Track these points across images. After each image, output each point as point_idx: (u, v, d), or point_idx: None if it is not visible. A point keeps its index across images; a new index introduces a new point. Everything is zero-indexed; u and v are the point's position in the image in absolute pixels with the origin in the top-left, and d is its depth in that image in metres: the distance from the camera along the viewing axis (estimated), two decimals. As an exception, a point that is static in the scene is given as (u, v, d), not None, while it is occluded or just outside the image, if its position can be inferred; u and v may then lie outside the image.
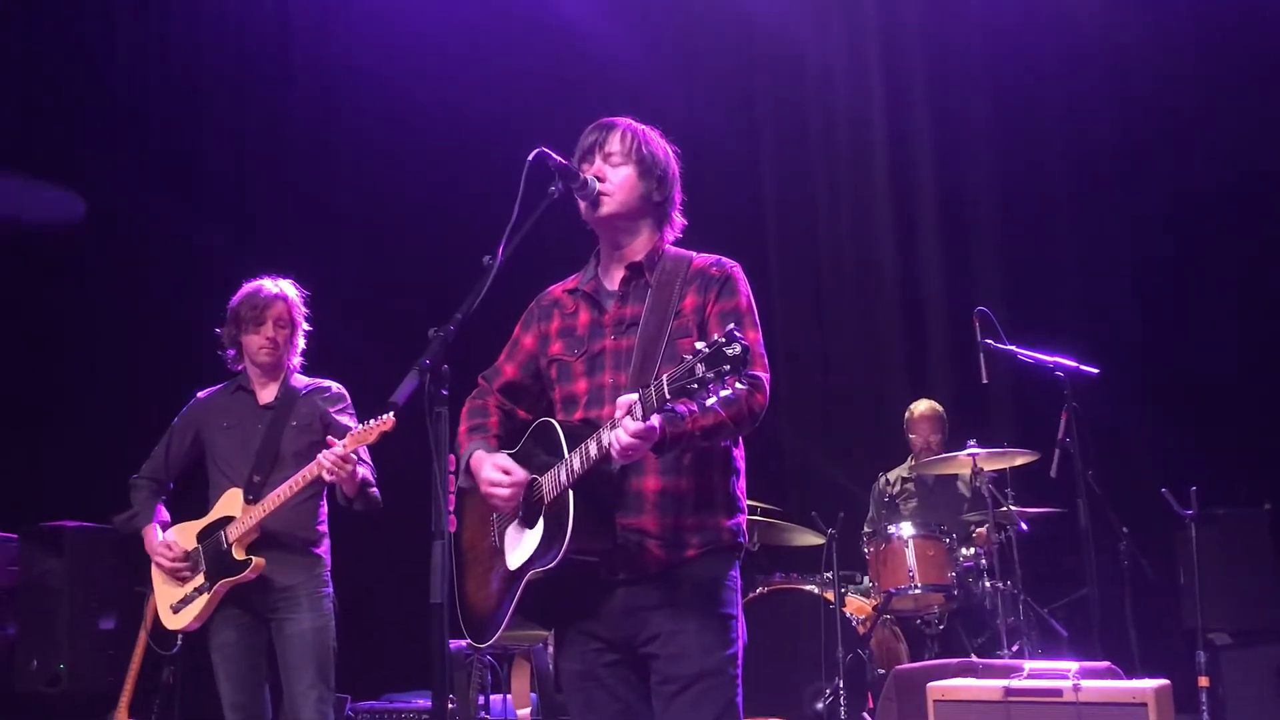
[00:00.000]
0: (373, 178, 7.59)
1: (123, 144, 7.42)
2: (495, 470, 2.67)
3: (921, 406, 6.46)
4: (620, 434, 2.40)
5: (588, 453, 2.50)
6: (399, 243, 7.47)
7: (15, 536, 5.80)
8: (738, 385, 2.27)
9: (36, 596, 5.68)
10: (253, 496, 4.05)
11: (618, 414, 2.42)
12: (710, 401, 2.29)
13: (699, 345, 2.29)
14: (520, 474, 2.66)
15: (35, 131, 7.19)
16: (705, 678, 2.58)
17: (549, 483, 2.61)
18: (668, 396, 2.32)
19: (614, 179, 2.77)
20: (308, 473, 3.94)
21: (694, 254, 2.83)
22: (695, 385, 2.27)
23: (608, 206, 2.77)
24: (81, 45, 7.48)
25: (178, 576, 4.12)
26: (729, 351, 2.24)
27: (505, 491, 2.66)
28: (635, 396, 2.39)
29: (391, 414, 3.80)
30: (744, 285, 2.76)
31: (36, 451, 6.76)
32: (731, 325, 2.31)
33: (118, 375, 6.99)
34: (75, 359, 7.07)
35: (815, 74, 7.61)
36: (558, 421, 2.68)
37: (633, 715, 2.69)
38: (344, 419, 4.23)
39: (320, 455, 3.92)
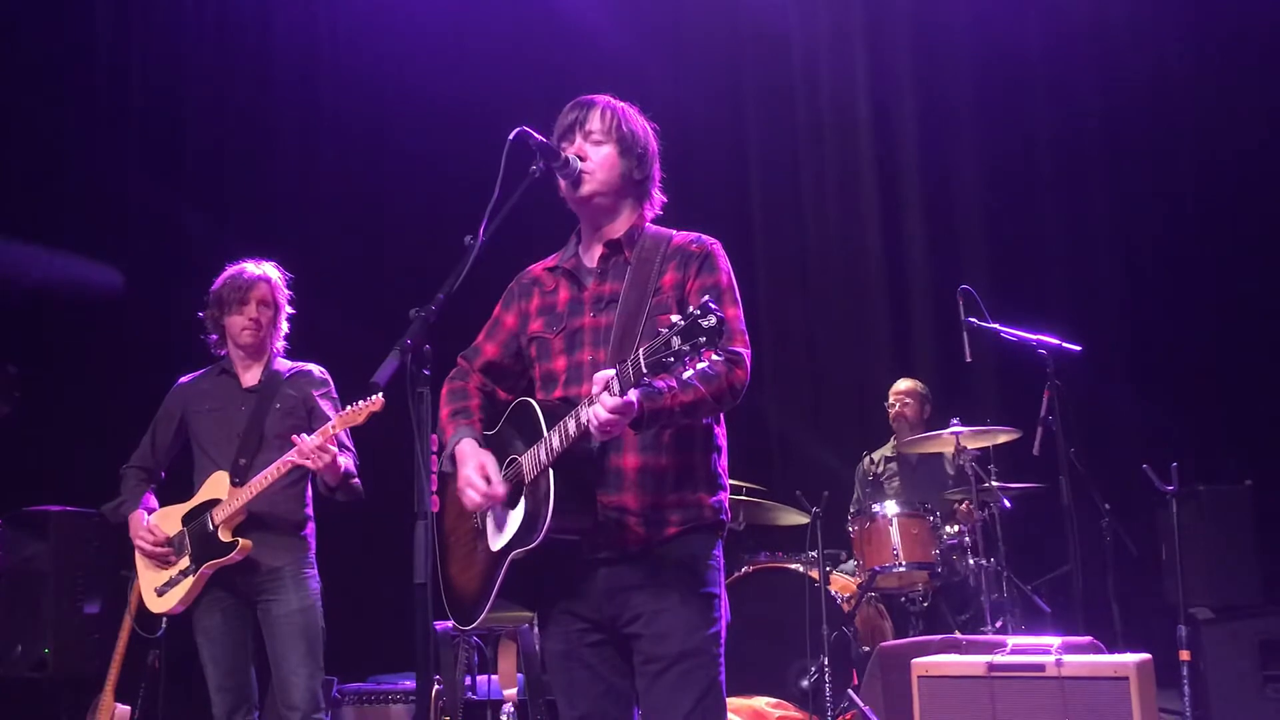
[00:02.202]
0: (354, 158, 7.55)
1: (104, 126, 7.36)
2: (477, 473, 2.65)
3: (903, 382, 6.51)
4: (598, 410, 2.39)
5: (566, 431, 2.50)
6: (381, 223, 7.44)
7: (-1, 521, 5.78)
8: (714, 358, 2.26)
9: (21, 581, 5.65)
10: (239, 479, 4.05)
11: (594, 390, 2.41)
12: (687, 375, 2.28)
13: (674, 318, 2.28)
14: (500, 490, 2.63)
15: (14, 113, 7.11)
16: (688, 657, 2.59)
17: (529, 462, 2.60)
18: (644, 371, 2.31)
19: (595, 157, 2.76)
20: (289, 460, 3.93)
21: (674, 231, 2.82)
22: (671, 359, 2.26)
23: (589, 185, 2.76)
24: (61, 24, 7.40)
25: (159, 560, 4.11)
26: (704, 324, 2.23)
27: (478, 498, 2.63)
28: (612, 372, 2.38)
29: (379, 395, 3.79)
30: (724, 262, 2.76)
31: (20, 436, 6.72)
32: (707, 298, 2.29)
33: (102, 359, 6.96)
34: (58, 343, 7.03)
35: (800, 54, 7.61)
36: (536, 401, 2.67)
37: (615, 695, 2.69)
38: (326, 404, 4.23)
39: (297, 443, 3.91)
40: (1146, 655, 3.93)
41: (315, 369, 4.33)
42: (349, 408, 3.94)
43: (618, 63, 7.06)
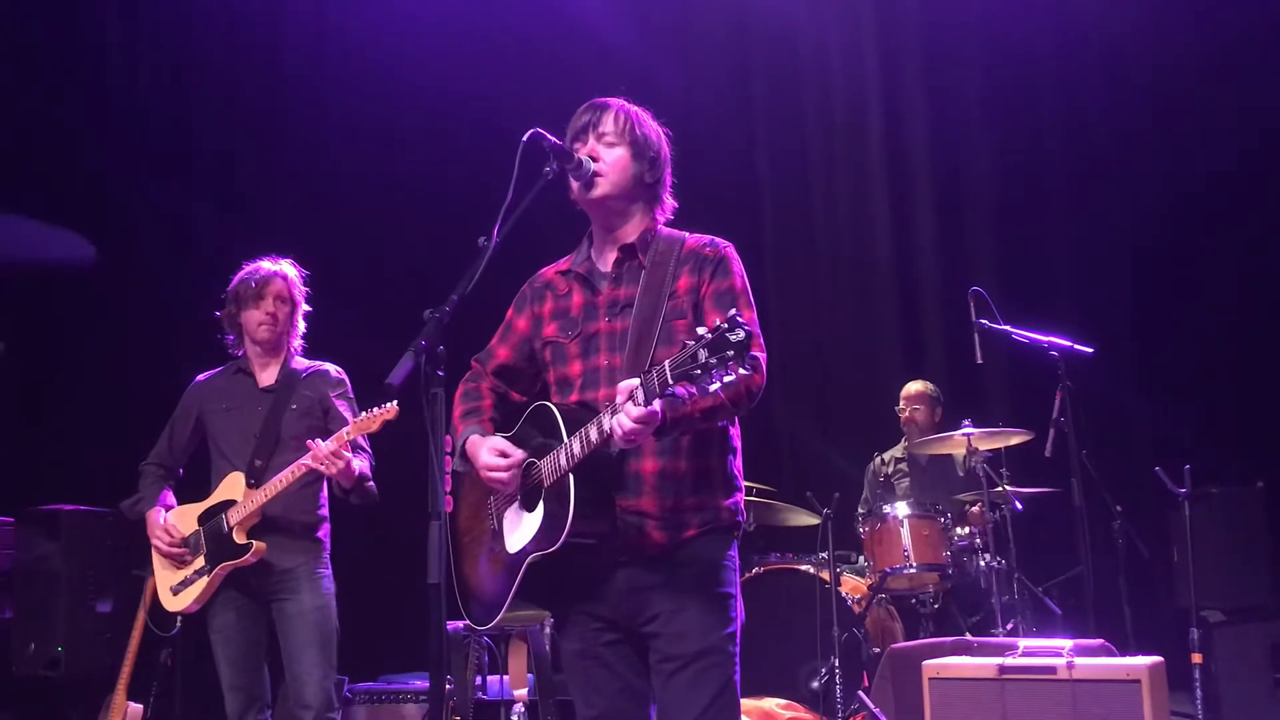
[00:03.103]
0: (366, 159, 7.54)
1: (113, 124, 7.38)
2: (492, 454, 2.68)
3: (913, 384, 6.50)
4: (623, 419, 2.39)
5: (588, 437, 2.51)
6: (394, 224, 7.44)
7: (11, 520, 5.79)
8: (740, 371, 2.27)
9: (33, 580, 5.67)
10: (254, 480, 4.06)
11: (619, 399, 2.41)
12: (714, 387, 2.29)
13: (701, 331, 2.28)
14: (517, 455, 2.67)
15: (24, 108, 7.14)
16: (704, 656, 2.60)
17: (548, 466, 2.62)
18: (670, 382, 2.32)
19: (607, 159, 2.77)
20: (304, 464, 3.95)
21: (687, 234, 2.83)
22: (699, 371, 2.27)
23: (601, 188, 2.76)
24: (72, 21, 7.42)
25: (175, 560, 4.13)
26: (732, 338, 2.24)
27: (504, 474, 2.66)
28: (637, 381, 2.39)
29: (394, 402, 3.83)
30: (738, 265, 2.76)
31: (32, 434, 6.75)
32: (734, 311, 2.30)
33: (112, 357, 6.98)
34: (69, 341, 7.06)
35: (810, 53, 7.60)
36: (554, 405, 2.68)
37: (632, 694, 2.70)
38: (342, 404, 4.24)
39: (311, 449, 3.92)
40: (1158, 658, 3.92)
41: (332, 369, 4.34)
42: (364, 414, 3.95)
43: (627, 63, 7.07)
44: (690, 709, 2.58)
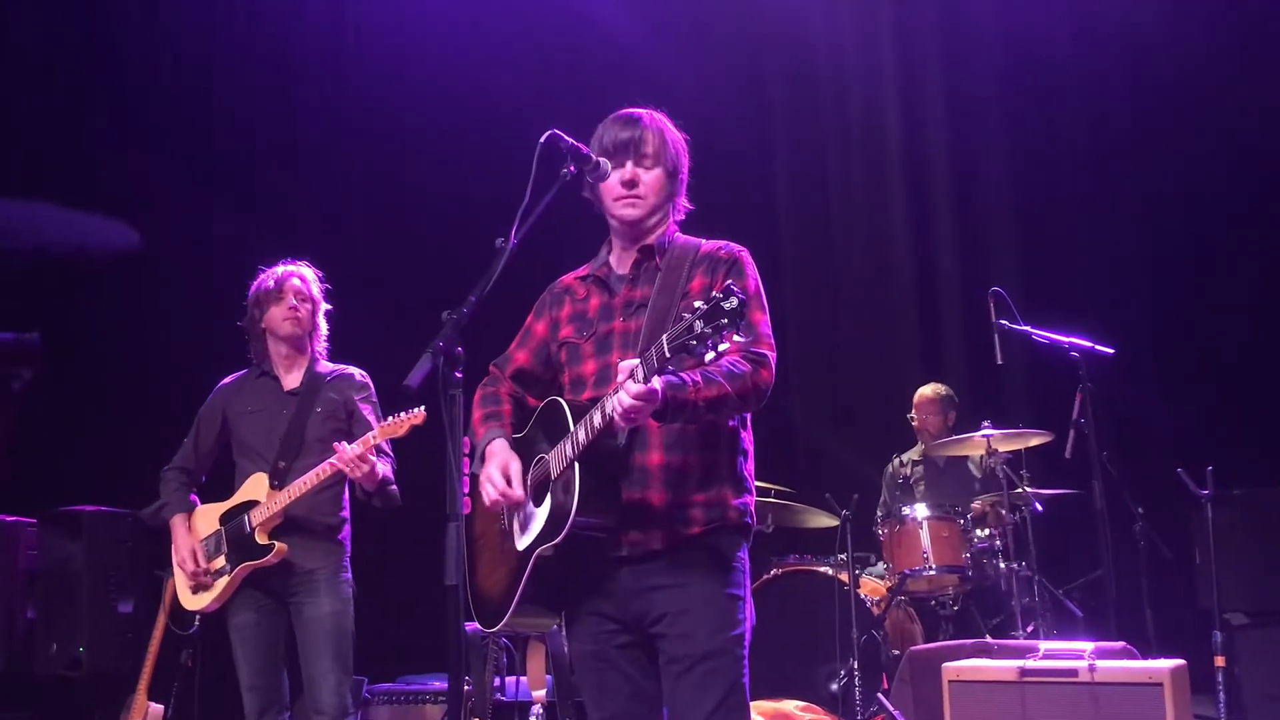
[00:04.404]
0: (384, 161, 7.57)
1: (132, 128, 7.41)
2: (499, 471, 2.70)
3: (924, 390, 6.46)
4: (622, 396, 2.41)
5: (592, 423, 2.52)
6: (411, 226, 7.46)
7: (34, 521, 5.83)
8: (736, 338, 2.29)
9: (55, 581, 5.71)
10: (278, 482, 4.09)
11: (620, 378, 2.43)
12: (709, 357, 2.30)
13: (697, 304, 2.31)
14: (518, 494, 2.69)
15: (41, 112, 7.18)
16: (711, 658, 2.60)
17: (555, 458, 2.63)
18: (667, 355, 2.34)
19: (647, 181, 2.79)
20: (329, 466, 3.97)
21: (703, 240, 2.85)
22: (694, 341, 2.28)
23: (640, 209, 2.79)
24: (91, 23, 7.47)
25: (193, 582, 4.14)
26: (726, 305, 2.26)
27: (494, 494, 2.68)
28: (637, 361, 2.41)
29: (422, 408, 3.84)
30: (751, 269, 2.79)
31: (54, 436, 6.78)
32: (730, 281, 2.33)
33: (133, 360, 7.01)
34: (90, 344, 7.09)
35: (827, 53, 7.59)
36: (565, 400, 2.70)
37: (644, 697, 2.70)
38: (366, 408, 4.26)
39: (338, 451, 3.94)
40: (1181, 661, 3.89)
41: (356, 372, 4.37)
42: (390, 419, 3.97)
43: (641, 63, 7.06)
44: (697, 711, 2.58)
